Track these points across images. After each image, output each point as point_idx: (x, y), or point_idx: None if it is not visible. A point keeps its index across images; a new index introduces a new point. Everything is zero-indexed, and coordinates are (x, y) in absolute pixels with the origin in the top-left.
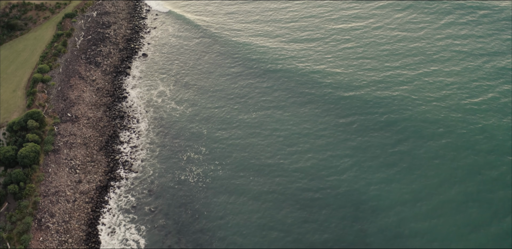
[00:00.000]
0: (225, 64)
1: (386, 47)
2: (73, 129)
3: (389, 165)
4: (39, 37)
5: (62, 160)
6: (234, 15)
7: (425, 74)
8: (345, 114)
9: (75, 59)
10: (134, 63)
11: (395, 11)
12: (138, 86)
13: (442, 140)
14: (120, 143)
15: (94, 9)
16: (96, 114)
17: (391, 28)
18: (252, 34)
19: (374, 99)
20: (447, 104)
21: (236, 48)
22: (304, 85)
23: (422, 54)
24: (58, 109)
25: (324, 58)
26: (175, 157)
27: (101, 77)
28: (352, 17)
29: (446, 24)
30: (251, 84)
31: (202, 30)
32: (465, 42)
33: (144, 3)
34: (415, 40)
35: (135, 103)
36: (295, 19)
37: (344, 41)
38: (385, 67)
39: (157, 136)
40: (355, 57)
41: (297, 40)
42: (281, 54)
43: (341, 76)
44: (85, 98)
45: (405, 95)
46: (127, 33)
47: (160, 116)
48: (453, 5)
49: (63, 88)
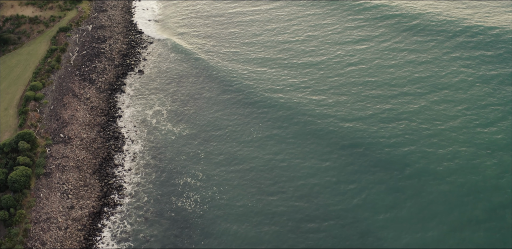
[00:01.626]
0: (223, 87)
1: (391, 70)
2: (65, 150)
3: (397, 192)
4: (32, 52)
5: (54, 184)
6: (234, 36)
7: (433, 102)
8: (348, 144)
9: (69, 76)
10: (130, 80)
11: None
12: (134, 105)
13: (450, 166)
14: (114, 166)
15: (90, 23)
16: (89, 135)
17: (389, 55)
18: (251, 59)
19: (379, 128)
20: (455, 132)
21: (234, 73)
22: (305, 114)
23: (429, 81)
24: (50, 129)
25: (324, 85)
26: (171, 182)
27: (95, 95)
28: (352, 39)
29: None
30: (252, 110)
31: (201, 47)
32: (473, 67)
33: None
34: (419, 67)
35: (130, 123)
36: (293, 42)
37: (346, 65)
38: (389, 95)
39: (153, 158)
40: (357, 83)
41: (295, 66)
42: (279, 80)
43: (343, 105)
44: (78, 118)
45: (412, 124)
46: (123, 48)
47: (155, 137)
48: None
49: (56, 107)
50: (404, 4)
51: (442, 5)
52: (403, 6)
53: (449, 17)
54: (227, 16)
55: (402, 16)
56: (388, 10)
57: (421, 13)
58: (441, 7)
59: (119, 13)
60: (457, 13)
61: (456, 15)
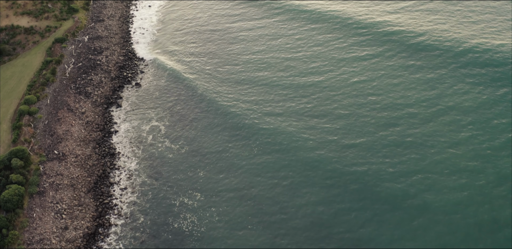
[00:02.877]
0: (224, 107)
1: (396, 90)
2: (60, 168)
3: (405, 220)
4: (27, 63)
5: (48, 203)
6: (233, 52)
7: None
8: (348, 172)
9: (64, 89)
10: (127, 93)
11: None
12: (130, 120)
13: (458, 194)
14: (109, 184)
15: (86, 33)
16: (84, 152)
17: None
18: (250, 78)
19: (383, 157)
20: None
21: (231, 93)
22: (302, 143)
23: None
24: (44, 145)
25: (323, 109)
26: (167, 202)
27: (91, 110)
28: (354, 58)
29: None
30: (253, 132)
31: (201, 58)
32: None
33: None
34: (424, 86)
35: (126, 139)
36: (294, 59)
37: (347, 85)
38: (394, 117)
39: (149, 177)
40: (359, 105)
41: (294, 87)
42: (277, 105)
43: (341, 132)
44: (73, 134)
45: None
46: (120, 60)
47: (152, 154)
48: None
49: (50, 121)
50: (407, 21)
51: (448, 22)
52: (406, 23)
53: (456, 34)
54: (226, 30)
55: (405, 34)
56: (391, 27)
57: (426, 30)
58: (447, 24)
59: (116, 23)
60: (464, 31)
61: (462, 32)
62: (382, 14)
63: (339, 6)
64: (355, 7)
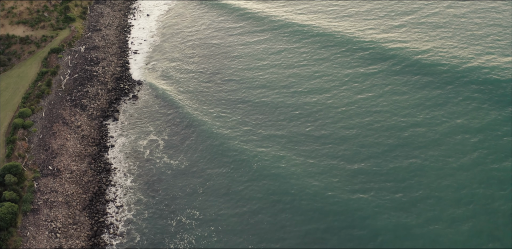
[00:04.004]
0: (228, 116)
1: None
2: (54, 184)
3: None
4: (22, 74)
5: (42, 222)
6: (231, 71)
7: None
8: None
9: (60, 102)
10: (124, 106)
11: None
12: (127, 134)
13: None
14: (105, 202)
15: (83, 43)
16: (80, 167)
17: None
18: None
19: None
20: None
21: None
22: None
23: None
24: (39, 161)
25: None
26: (164, 221)
27: (86, 123)
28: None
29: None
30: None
31: (200, 72)
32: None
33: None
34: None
35: (122, 154)
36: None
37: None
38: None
39: (146, 194)
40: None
41: (294, 119)
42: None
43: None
44: (68, 148)
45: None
46: (117, 71)
47: (150, 171)
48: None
49: (45, 136)
50: (411, 37)
51: (453, 38)
52: (410, 39)
53: (461, 50)
54: (226, 43)
55: (409, 51)
56: (393, 43)
57: (430, 47)
58: (451, 40)
59: (113, 32)
60: (469, 46)
61: (467, 49)
62: (385, 31)
63: (340, 23)
64: (354, 24)
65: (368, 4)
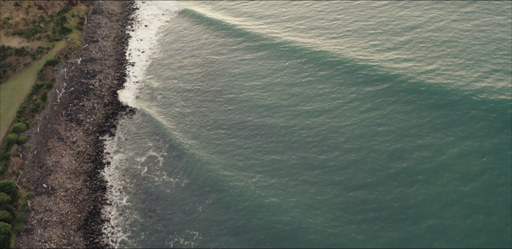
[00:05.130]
0: (233, 128)
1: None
2: (48, 203)
3: None
4: (17, 87)
5: (36, 242)
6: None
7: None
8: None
9: (55, 116)
10: (120, 121)
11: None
12: (124, 150)
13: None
14: (100, 222)
15: (79, 55)
16: (75, 185)
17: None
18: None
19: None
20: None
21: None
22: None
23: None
24: (33, 178)
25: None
26: (161, 242)
27: (82, 139)
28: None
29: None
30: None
31: (198, 78)
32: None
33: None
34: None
35: (119, 171)
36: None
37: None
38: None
39: (143, 214)
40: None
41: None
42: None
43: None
44: (63, 165)
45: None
46: (114, 84)
47: (147, 189)
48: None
49: (39, 152)
50: (411, 58)
51: (453, 61)
52: (411, 59)
53: (463, 75)
54: (226, 62)
55: (401, 77)
56: (395, 64)
57: (432, 69)
58: (452, 64)
59: (111, 44)
60: (468, 72)
61: (469, 71)
62: (386, 50)
63: (340, 41)
64: (353, 42)
65: (365, 21)
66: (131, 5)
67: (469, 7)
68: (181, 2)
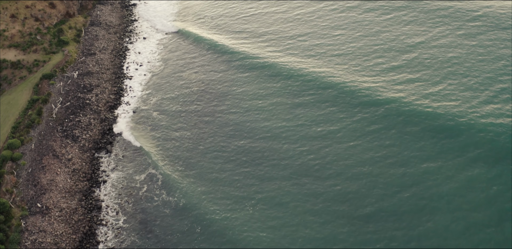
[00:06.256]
0: (233, 140)
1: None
2: (43, 223)
3: None
4: (13, 101)
5: None
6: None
7: None
8: None
9: (50, 132)
10: (118, 137)
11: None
12: (121, 168)
13: None
14: (96, 243)
15: (76, 69)
16: (70, 205)
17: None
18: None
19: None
20: None
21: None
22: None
23: None
24: (27, 197)
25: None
26: None
27: (78, 156)
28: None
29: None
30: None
31: (196, 96)
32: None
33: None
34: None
35: (116, 190)
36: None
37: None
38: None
39: (140, 235)
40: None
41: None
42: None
43: None
44: (58, 184)
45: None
46: (111, 99)
47: (145, 209)
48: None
49: (34, 170)
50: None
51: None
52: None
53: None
54: (225, 84)
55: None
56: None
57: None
58: (456, 100)
59: (108, 56)
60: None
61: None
62: (388, 74)
63: (336, 66)
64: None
65: (370, 38)
66: (129, 17)
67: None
68: (177, 22)
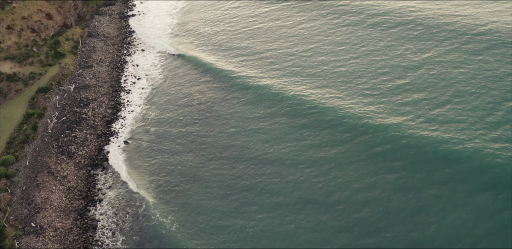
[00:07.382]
0: (228, 169)
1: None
2: (37, 243)
3: None
4: (8, 115)
5: None
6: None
7: None
8: None
9: (45, 148)
10: (114, 153)
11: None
12: (117, 186)
13: None
14: None
15: (72, 81)
16: (65, 224)
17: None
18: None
19: None
20: None
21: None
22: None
23: None
24: (21, 216)
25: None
26: None
27: (73, 173)
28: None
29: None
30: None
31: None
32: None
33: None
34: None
35: (111, 209)
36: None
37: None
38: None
39: None
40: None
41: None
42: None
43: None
44: (53, 202)
45: None
46: (108, 113)
47: (141, 228)
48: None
49: (28, 187)
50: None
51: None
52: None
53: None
54: (224, 107)
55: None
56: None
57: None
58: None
59: (106, 69)
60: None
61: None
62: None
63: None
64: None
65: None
66: (127, 28)
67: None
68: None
